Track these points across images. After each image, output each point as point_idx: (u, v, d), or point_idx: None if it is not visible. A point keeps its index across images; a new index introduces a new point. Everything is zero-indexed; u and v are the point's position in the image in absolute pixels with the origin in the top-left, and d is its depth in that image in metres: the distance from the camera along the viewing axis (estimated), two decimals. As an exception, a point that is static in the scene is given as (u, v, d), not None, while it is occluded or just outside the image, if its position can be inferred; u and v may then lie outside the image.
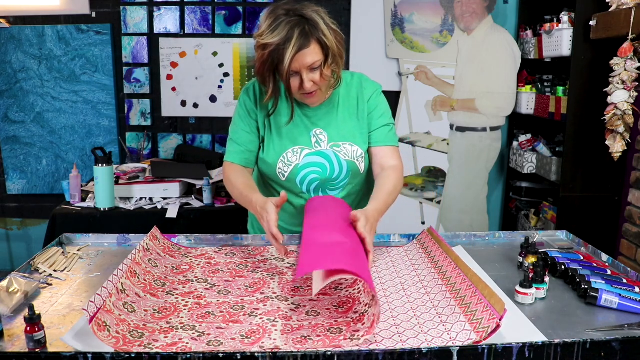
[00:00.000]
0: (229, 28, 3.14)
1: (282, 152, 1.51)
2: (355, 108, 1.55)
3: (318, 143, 1.52)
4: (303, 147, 1.52)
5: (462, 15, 3.06)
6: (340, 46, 1.43)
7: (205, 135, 3.26)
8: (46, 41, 3.08)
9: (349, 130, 1.54)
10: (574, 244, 1.57)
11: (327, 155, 1.52)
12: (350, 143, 1.53)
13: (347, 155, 1.53)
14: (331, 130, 1.53)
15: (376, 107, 1.55)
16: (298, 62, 1.36)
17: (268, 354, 0.89)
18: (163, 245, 1.43)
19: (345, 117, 1.54)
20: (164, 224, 2.36)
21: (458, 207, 3.23)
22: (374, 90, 1.57)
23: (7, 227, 3.32)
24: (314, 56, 1.36)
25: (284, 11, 1.36)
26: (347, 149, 1.53)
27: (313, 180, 1.53)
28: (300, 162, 1.51)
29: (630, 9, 2.06)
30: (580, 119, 2.51)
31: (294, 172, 1.51)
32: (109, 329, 0.95)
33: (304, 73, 1.38)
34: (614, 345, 0.94)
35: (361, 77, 1.58)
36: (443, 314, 1.07)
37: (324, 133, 1.53)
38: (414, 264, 1.36)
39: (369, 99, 1.55)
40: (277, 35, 1.33)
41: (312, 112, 1.53)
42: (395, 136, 1.58)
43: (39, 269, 1.31)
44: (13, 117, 3.16)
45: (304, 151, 1.52)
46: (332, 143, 1.53)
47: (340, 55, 1.44)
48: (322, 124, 1.53)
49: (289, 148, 1.51)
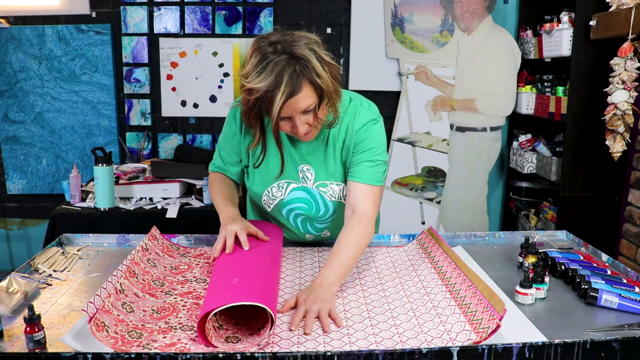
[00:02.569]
0: (229, 28, 3.14)
1: (267, 185, 1.43)
2: (343, 140, 1.40)
3: (304, 179, 1.43)
4: (289, 181, 1.43)
5: (462, 15, 3.06)
6: (335, 82, 1.27)
7: (205, 135, 3.25)
8: (46, 41, 3.08)
9: (337, 167, 1.42)
10: (574, 244, 1.56)
11: (312, 194, 1.44)
12: (338, 183, 1.43)
13: (334, 196, 1.44)
14: (318, 167, 1.42)
15: (363, 140, 1.38)
16: (289, 109, 1.22)
17: (268, 354, 0.89)
18: (162, 245, 1.43)
19: (334, 153, 1.41)
20: (164, 224, 2.36)
21: (458, 207, 3.23)
22: (366, 121, 1.38)
23: (7, 227, 3.32)
24: (306, 100, 1.22)
25: (272, 48, 1.20)
26: (334, 189, 1.43)
27: (298, 214, 1.48)
28: (285, 197, 1.44)
29: (630, 9, 2.06)
30: (580, 119, 2.51)
31: (278, 205, 1.45)
32: (107, 329, 0.95)
33: (297, 117, 1.24)
34: (614, 345, 0.94)
35: (357, 106, 1.40)
36: (443, 314, 1.07)
37: (310, 170, 1.42)
38: (414, 264, 1.36)
39: (357, 131, 1.38)
40: (263, 79, 1.18)
41: (300, 146, 1.41)
42: (379, 174, 1.38)
43: (39, 269, 1.31)
44: (13, 117, 3.15)
45: (290, 185, 1.43)
46: (319, 182, 1.43)
47: (336, 91, 1.28)
48: (310, 159, 1.42)
49: (274, 182, 1.43)
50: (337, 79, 1.28)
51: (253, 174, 1.45)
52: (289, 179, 1.43)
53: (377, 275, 1.32)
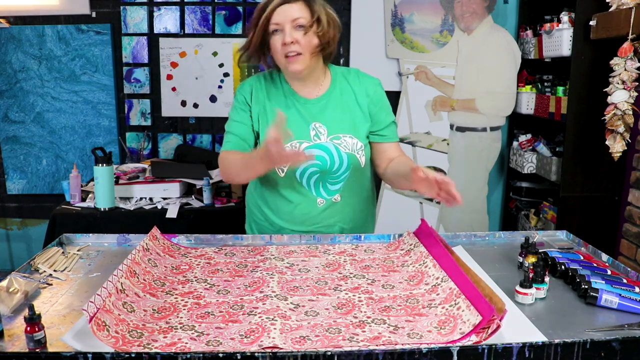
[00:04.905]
0: (229, 28, 3.14)
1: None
2: (354, 101, 1.53)
3: (317, 136, 1.51)
4: (301, 141, 1.50)
5: (462, 15, 3.06)
6: (331, 23, 1.44)
7: (205, 135, 3.26)
8: (46, 41, 3.08)
9: (348, 122, 1.52)
10: (574, 244, 1.56)
11: (326, 148, 1.50)
12: (351, 136, 1.52)
13: (348, 148, 1.52)
14: (330, 123, 1.52)
15: (380, 102, 1.56)
16: (282, 14, 1.38)
17: (268, 354, 0.89)
18: (163, 245, 1.43)
19: (344, 110, 1.53)
20: (164, 224, 2.36)
21: (458, 207, 3.20)
22: (375, 85, 1.57)
23: (7, 227, 3.32)
24: (298, 12, 1.38)
25: None
26: (348, 141, 1.52)
27: (313, 173, 1.51)
28: None
29: (630, 9, 2.06)
30: (580, 119, 2.51)
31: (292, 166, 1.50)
32: (108, 328, 0.95)
33: (287, 27, 1.38)
34: (614, 345, 0.94)
35: (357, 72, 1.59)
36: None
37: (323, 127, 1.51)
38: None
39: (371, 93, 1.54)
40: None
41: (310, 105, 1.52)
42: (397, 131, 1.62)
43: (39, 269, 1.31)
44: (13, 117, 3.16)
45: (303, 145, 1.50)
46: (332, 136, 1.51)
47: (333, 36, 1.44)
48: (321, 117, 1.52)
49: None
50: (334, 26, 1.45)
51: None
52: (300, 139, 1.50)
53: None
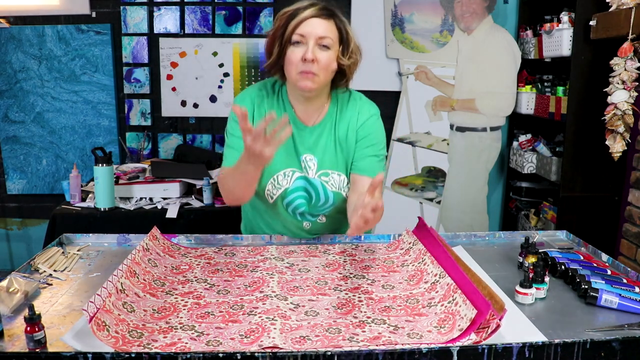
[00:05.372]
0: (229, 28, 3.14)
1: (273, 173, 1.45)
2: (346, 132, 1.47)
3: (306, 169, 1.46)
4: (294, 169, 1.46)
5: (462, 15, 3.06)
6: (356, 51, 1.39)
7: (205, 135, 3.25)
8: (46, 41, 3.08)
9: (339, 157, 1.47)
10: (574, 244, 1.56)
11: (314, 185, 1.47)
12: (339, 173, 1.47)
13: (335, 186, 1.47)
14: (321, 157, 1.47)
15: (367, 135, 1.46)
16: (309, 27, 1.31)
17: (268, 353, 0.89)
18: (163, 245, 1.43)
19: (337, 141, 1.47)
20: (164, 224, 2.36)
21: (458, 207, 3.23)
22: (369, 116, 1.47)
23: (7, 227, 3.32)
24: (327, 30, 1.32)
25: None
26: (335, 178, 1.47)
27: (299, 205, 1.49)
28: (290, 185, 1.46)
29: (630, 9, 2.06)
30: (580, 119, 2.51)
31: (282, 195, 1.47)
32: (108, 328, 0.95)
33: (311, 43, 1.31)
34: (614, 345, 0.94)
35: (359, 98, 1.50)
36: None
37: (313, 160, 1.47)
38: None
39: (361, 125, 1.46)
40: (297, 4, 1.34)
41: (305, 134, 1.46)
42: (382, 167, 1.49)
43: (39, 269, 1.31)
44: (13, 117, 3.16)
45: (295, 174, 1.46)
46: (321, 172, 1.47)
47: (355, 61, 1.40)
48: (314, 149, 1.46)
49: (280, 170, 1.45)
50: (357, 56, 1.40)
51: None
52: (294, 168, 1.47)
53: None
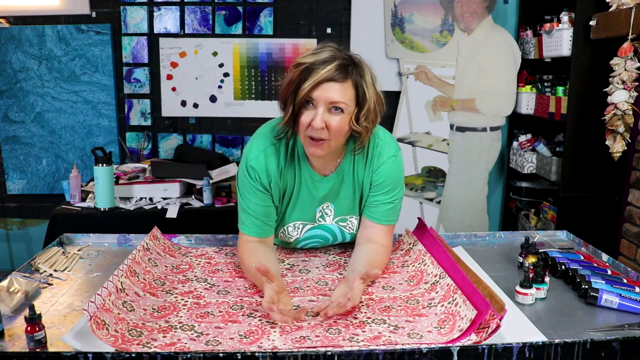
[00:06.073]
0: (229, 28, 3.14)
1: (285, 224, 1.41)
2: (362, 176, 1.38)
3: (323, 217, 1.41)
4: (305, 222, 1.41)
5: (462, 15, 3.06)
6: (377, 108, 1.26)
7: (205, 135, 3.25)
8: (46, 41, 3.08)
9: (356, 202, 1.41)
10: (574, 244, 1.57)
11: (331, 230, 1.43)
12: (356, 217, 1.43)
13: (352, 229, 1.44)
14: (339, 204, 1.40)
15: (383, 181, 1.36)
16: (321, 91, 1.19)
17: (268, 353, 0.89)
18: (163, 245, 1.43)
19: (354, 187, 1.39)
20: (164, 224, 2.36)
21: (458, 207, 3.22)
22: (386, 158, 1.36)
23: (7, 227, 3.32)
24: (341, 95, 1.20)
25: (335, 46, 1.25)
26: (353, 222, 1.43)
27: (314, 246, 1.49)
28: (301, 236, 1.43)
29: (630, 9, 2.06)
30: (580, 119, 2.51)
31: (294, 242, 1.45)
32: (107, 327, 0.95)
33: (321, 108, 1.19)
34: (614, 345, 0.94)
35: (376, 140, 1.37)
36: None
37: (330, 207, 1.40)
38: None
39: (376, 170, 1.36)
40: (315, 57, 1.21)
41: (322, 184, 1.37)
42: (395, 214, 1.40)
43: (40, 269, 1.31)
44: (13, 117, 3.15)
45: (306, 227, 1.42)
46: (339, 217, 1.42)
47: (374, 120, 1.26)
48: (331, 197, 1.39)
49: (290, 222, 1.41)
50: (379, 110, 1.27)
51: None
52: (305, 221, 1.41)
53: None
